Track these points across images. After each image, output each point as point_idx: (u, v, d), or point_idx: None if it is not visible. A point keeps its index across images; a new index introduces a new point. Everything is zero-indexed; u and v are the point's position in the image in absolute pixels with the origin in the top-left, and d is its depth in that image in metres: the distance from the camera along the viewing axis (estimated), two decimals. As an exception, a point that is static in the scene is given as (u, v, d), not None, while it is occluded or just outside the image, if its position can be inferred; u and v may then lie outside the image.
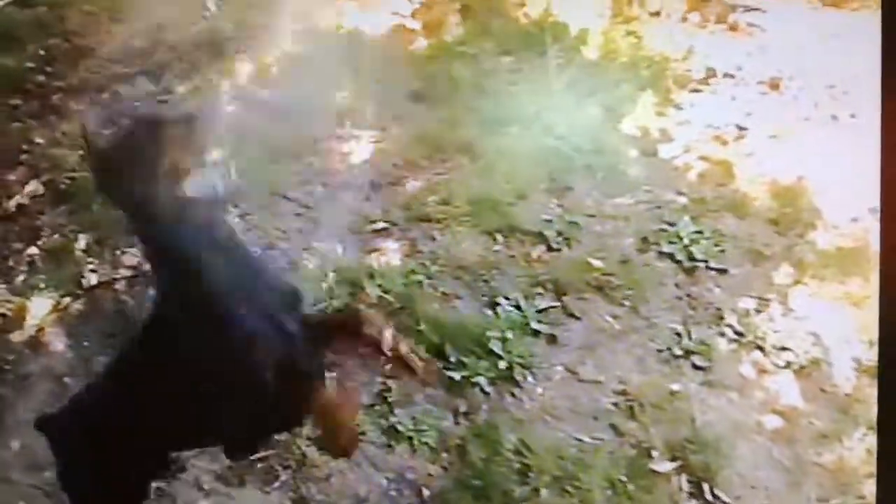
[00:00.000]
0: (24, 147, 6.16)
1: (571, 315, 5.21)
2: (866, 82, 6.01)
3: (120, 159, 3.61)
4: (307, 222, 5.66)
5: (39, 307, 5.23)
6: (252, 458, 4.55)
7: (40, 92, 6.64)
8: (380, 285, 5.25)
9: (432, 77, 6.66)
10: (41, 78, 6.74)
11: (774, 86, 6.51)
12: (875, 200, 1.80)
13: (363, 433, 4.64)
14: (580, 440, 4.68)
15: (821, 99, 6.36)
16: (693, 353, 5.02)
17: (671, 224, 5.61)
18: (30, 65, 6.81)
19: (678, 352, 5.03)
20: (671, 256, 5.46)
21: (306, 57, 6.83)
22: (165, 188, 3.54)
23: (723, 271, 5.41)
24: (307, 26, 7.11)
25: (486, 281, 5.37)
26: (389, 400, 4.79)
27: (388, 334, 3.89)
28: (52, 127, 6.30)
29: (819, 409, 4.80)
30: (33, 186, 5.91)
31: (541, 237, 5.60)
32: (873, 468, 4.28)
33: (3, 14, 7.40)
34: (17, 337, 5.11)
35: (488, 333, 5.03)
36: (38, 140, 6.21)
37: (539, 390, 4.88)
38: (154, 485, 4.45)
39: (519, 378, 4.89)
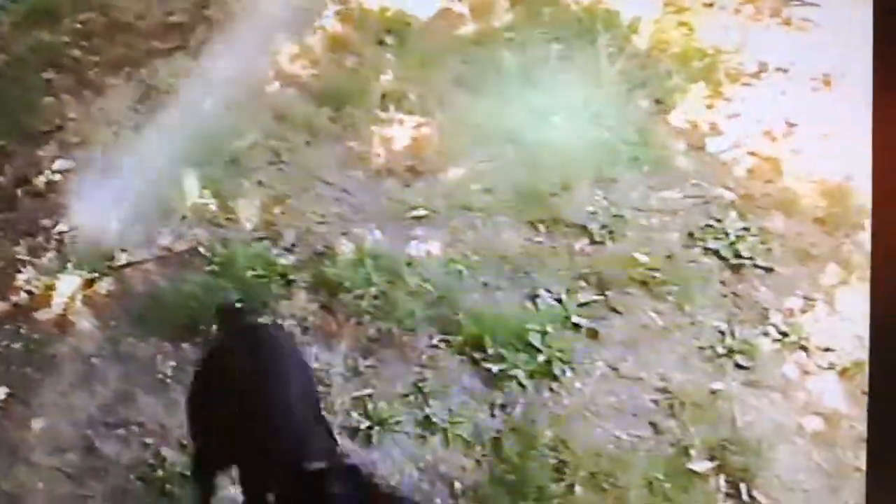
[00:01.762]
0: (58, 122, 6.11)
1: (614, 310, 5.12)
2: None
3: None
4: (346, 207, 5.59)
5: (68, 286, 5.18)
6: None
7: (76, 67, 6.59)
8: (419, 274, 5.19)
9: (479, 63, 6.58)
10: (77, 52, 6.69)
11: (826, 82, 6.39)
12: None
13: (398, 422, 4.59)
14: (618, 437, 4.61)
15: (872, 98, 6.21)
16: (736, 352, 4.93)
17: (718, 220, 5.52)
18: (65, 39, 6.76)
19: (721, 350, 4.94)
20: (717, 253, 5.37)
21: (349, 38, 6.76)
22: None
23: (769, 270, 5.31)
24: (351, 7, 7.03)
25: (527, 273, 5.29)
26: (424, 390, 4.73)
27: None
28: (86, 102, 6.24)
29: (861, 412, 4.69)
30: (64, 163, 5.86)
31: (584, 230, 5.51)
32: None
33: (40, -13, 7.36)
34: (43, 316, 5.06)
35: (528, 326, 4.94)
36: (72, 115, 6.15)
37: (578, 385, 4.80)
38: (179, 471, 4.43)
39: (558, 373, 4.81)
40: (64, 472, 4.45)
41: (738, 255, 5.36)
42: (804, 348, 4.94)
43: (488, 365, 4.82)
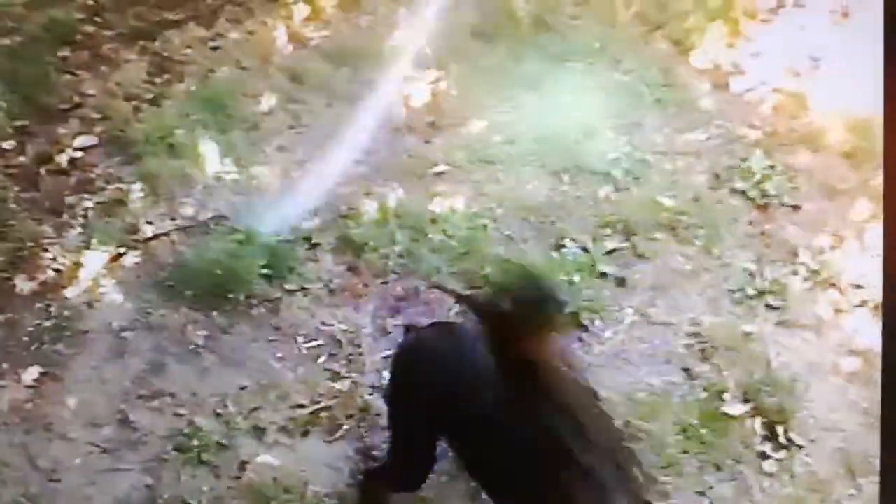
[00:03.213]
0: (76, 99, 6.10)
1: (641, 256, 5.10)
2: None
3: None
4: (367, 167, 5.56)
5: (95, 262, 5.18)
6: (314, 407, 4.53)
7: (90, 42, 6.54)
8: (443, 230, 5.17)
9: (493, 12, 6.50)
10: (90, 28, 6.65)
11: (844, 14, 6.30)
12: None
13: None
14: (651, 384, 4.60)
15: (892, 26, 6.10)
16: (767, 292, 4.91)
17: (744, 160, 5.47)
18: (79, 15, 6.70)
19: (752, 292, 4.91)
20: (744, 193, 5.33)
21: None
22: None
23: (797, 207, 5.27)
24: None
25: (552, 223, 5.27)
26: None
27: None
28: (103, 77, 6.22)
29: (897, 348, 4.66)
30: (86, 139, 5.85)
31: (609, 176, 5.47)
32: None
33: (51, -35, 7.32)
34: (72, 292, 5.07)
35: (555, 276, 4.92)
36: (90, 91, 6.13)
37: (608, 334, 4.79)
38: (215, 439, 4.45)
39: (587, 322, 4.80)
40: (100, 447, 4.48)
41: (765, 195, 5.32)
42: (836, 286, 4.91)
43: (517, 317, 4.80)
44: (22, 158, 5.78)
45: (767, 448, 4.34)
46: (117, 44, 6.47)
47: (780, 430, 4.38)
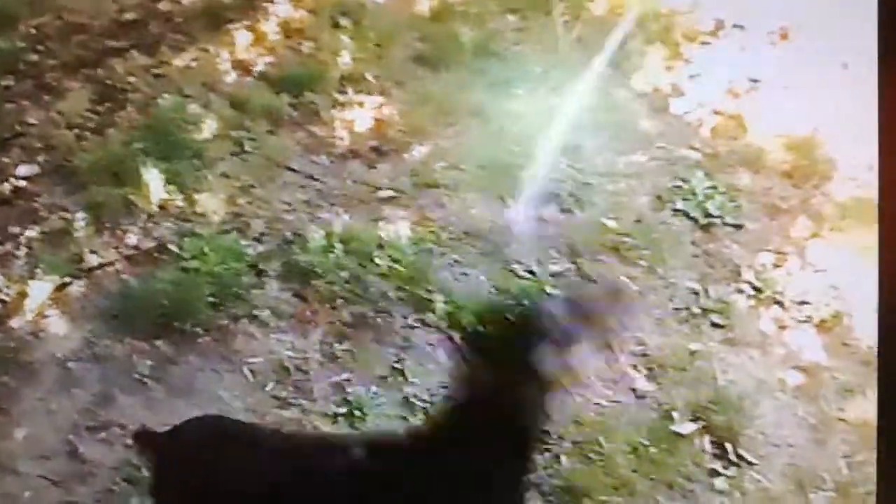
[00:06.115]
0: (18, 129, 6.05)
1: (587, 278, 5.11)
2: (874, 28, 5.88)
3: None
4: (313, 193, 5.56)
5: (40, 292, 5.12)
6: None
7: (33, 71, 6.51)
8: (389, 255, 5.16)
9: (436, 39, 6.55)
10: (34, 57, 6.61)
11: (783, 35, 6.38)
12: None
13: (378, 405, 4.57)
14: (599, 405, 4.59)
15: (831, 47, 6.22)
16: (712, 311, 4.95)
17: (685, 180, 5.52)
18: (21, 44, 6.68)
19: (697, 311, 4.95)
20: (686, 214, 5.38)
21: (304, 23, 6.74)
22: None
23: (739, 227, 5.33)
24: (305, -9, 7.00)
25: (497, 246, 5.27)
26: (403, 371, 4.71)
27: None
28: (46, 107, 6.18)
29: (842, 363, 4.74)
30: (29, 168, 5.81)
31: (552, 199, 5.49)
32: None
33: (-8, -5, 7.28)
34: (17, 323, 5.02)
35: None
36: (32, 121, 6.10)
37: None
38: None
39: (535, 344, 4.80)
40: (50, 480, 4.40)
41: (707, 215, 5.37)
42: (779, 303, 4.96)
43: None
44: (-36, 188, 5.74)
45: (718, 466, 4.35)
46: (60, 72, 6.43)
47: (729, 447, 4.39)
